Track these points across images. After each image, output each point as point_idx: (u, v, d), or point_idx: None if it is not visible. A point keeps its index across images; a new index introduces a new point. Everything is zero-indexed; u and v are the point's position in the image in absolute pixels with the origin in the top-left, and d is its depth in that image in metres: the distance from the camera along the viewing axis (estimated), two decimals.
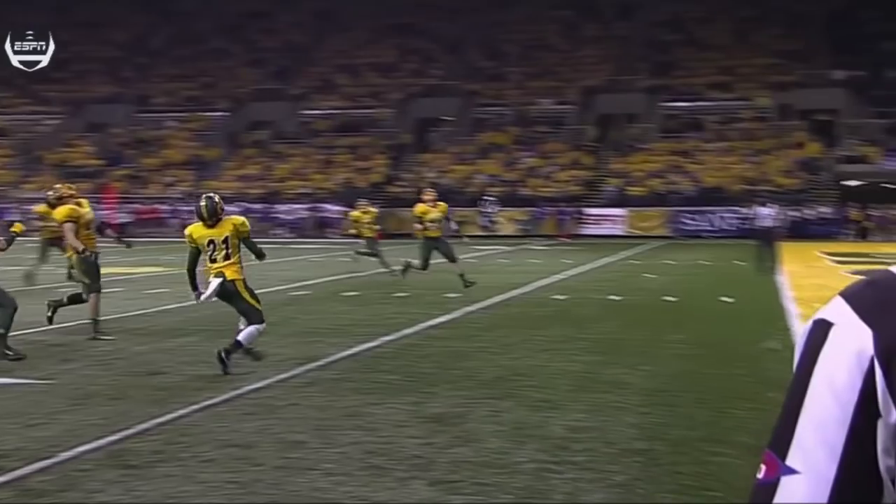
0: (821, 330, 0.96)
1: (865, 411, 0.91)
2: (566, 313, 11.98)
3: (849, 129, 40.67)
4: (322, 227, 39.62)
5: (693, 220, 37.23)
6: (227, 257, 8.06)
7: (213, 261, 8.09)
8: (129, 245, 13.69)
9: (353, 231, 19.60)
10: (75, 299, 10.23)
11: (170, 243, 24.77)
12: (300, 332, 10.19)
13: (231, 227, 8.13)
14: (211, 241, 8.07)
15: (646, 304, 13.17)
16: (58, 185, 11.23)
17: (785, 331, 10.26)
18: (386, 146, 45.60)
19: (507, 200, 39.47)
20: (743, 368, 8.00)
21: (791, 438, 0.94)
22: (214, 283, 8.01)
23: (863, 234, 35.78)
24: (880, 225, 36.16)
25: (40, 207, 14.22)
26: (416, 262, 15.14)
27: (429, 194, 15.32)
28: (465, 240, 16.00)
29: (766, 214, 17.94)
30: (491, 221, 37.33)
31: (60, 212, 10.40)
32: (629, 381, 7.43)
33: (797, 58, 46.16)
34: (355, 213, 19.63)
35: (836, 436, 0.91)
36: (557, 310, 12.41)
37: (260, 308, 8.19)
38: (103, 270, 10.73)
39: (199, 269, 8.39)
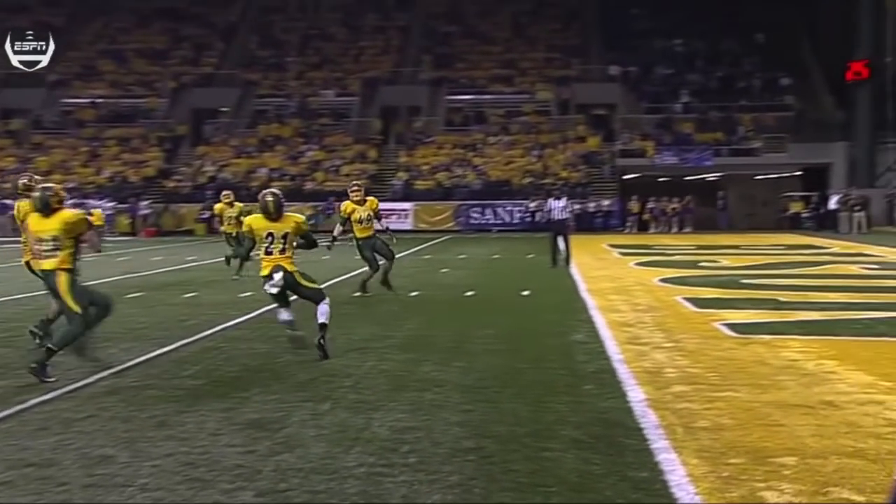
0: None
1: None
2: (369, 310, 11.99)
3: (625, 123, 42.97)
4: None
5: (480, 213, 38.27)
6: (282, 251, 8.54)
7: (269, 253, 8.56)
8: None
9: (222, 229, 17.43)
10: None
11: None
12: None
13: (293, 225, 8.59)
14: (270, 234, 8.53)
15: (448, 299, 13.39)
16: (36, 176, 9.80)
17: (588, 322, 10.73)
18: (159, 138, 44.04)
19: (292, 195, 38.98)
20: (554, 362, 8.26)
21: None
22: (278, 275, 8.46)
23: (642, 227, 37.97)
24: (657, 217, 38.49)
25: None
26: (366, 269, 13.74)
27: (356, 192, 13.52)
28: (395, 241, 14.46)
29: (559, 207, 18.63)
30: None
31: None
32: (445, 379, 7.51)
33: (574, 52, 48.36)
34: (219, 206, 17.57)
35: None
36: (359, 307, 12.39)
37: (319, 286, 8.85)
38: None
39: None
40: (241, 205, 17.58)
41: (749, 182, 43.50)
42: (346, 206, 13.56)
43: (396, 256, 14.56)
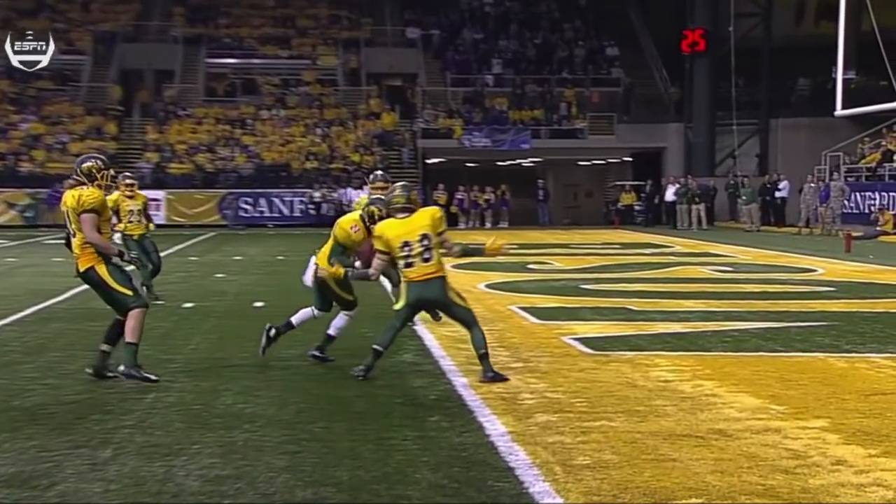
0: None
1: None
2: None
3: (427, 97, 43.49)
4: None
5: (252, 204, 37.84)
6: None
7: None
8: None
9: (117, 228, 13.80)
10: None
11: None
12: None
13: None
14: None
15: (233, 311, 13.15)
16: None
17: (414, 338, 10.73)
18: None
19: (2, 179, 37.49)
20: (386, 388, 8.20)
21: None
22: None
23: (450, 221, 38.47)
24: (467, 210, 39.15)
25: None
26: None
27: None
28: None
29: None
30: None
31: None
32: (257, 413, 7.31)
33: (364, 10, 48.54)
34: (115, 196, 14.03)
35: None
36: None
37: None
38: None
39: None
40: (144, 195, 15.43)
41: (572, 169, 45.00)
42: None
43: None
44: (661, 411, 7.39)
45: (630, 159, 44.52)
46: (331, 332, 9.34)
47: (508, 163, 42.87)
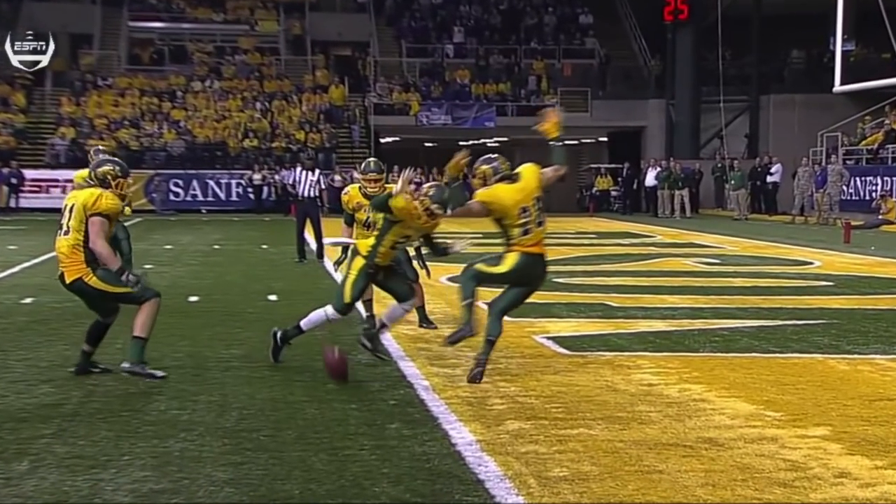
0: None
1: None
2: (52, 325, 11.51)
3: (381, 68, 43.48)
4: None
5: (183, 187, 37.70)
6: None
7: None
8: None
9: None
10: None
11: None
12: None
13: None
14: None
15: (164, 307, 12.85)
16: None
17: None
18: None
19: None
20: (339, 392, 8.21)
21: None
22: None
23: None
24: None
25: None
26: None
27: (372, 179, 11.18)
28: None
29: (310, 182, 18.56)
30: None
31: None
32: (194, 420, 7.30)
33: None
34: (83, 173, 11.92)
35: None
36: (34, 320, 11.90)
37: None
38: None
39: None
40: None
41: (541, 150, 44.90)
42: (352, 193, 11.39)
43: None
44: (645, 418, 7.44)
45: (606, 139, 44.69)
46: (302, 324, 9.34)
47: (471, 142, 42.79)
